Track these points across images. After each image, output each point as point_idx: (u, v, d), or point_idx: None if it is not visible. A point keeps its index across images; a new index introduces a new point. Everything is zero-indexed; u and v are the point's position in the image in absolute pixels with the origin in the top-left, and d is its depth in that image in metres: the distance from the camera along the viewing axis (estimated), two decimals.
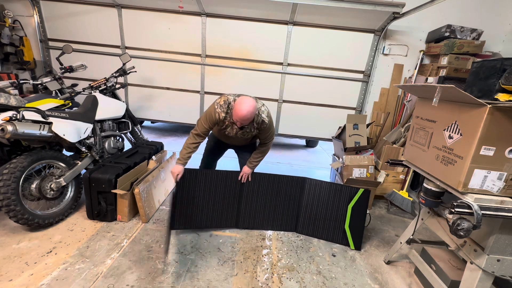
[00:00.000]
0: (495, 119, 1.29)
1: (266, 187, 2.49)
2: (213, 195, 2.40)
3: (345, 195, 2.40)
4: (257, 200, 2.49)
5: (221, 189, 2.42)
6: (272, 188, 2.49)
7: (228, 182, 2.43)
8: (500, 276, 1.46)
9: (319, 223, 2.50)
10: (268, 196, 2.49)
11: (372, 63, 3.64)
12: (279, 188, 2.49)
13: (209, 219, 2.43)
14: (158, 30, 3.70)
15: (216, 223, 2.45)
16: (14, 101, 2.15)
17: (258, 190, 2.48)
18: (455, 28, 3.15)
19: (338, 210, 2.42)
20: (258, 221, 2.54)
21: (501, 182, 1.38)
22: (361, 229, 2.37)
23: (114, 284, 1.76)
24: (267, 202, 2.50)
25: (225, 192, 2.43)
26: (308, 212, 2.51)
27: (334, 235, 2.46)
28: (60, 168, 2.36)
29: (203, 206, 2.39)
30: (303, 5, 3.12)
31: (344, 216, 2.40)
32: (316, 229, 2.51)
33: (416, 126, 1.83)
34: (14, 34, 3.74)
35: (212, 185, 2.39)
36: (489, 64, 2.17)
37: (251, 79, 3.82)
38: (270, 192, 2.49)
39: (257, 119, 2.09)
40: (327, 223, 2.47)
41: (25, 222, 2.06)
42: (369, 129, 3.83)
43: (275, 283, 1.91)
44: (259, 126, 2.14)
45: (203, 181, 2.37)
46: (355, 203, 2.36)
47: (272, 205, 2.51)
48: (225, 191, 2.43)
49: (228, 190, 2.44)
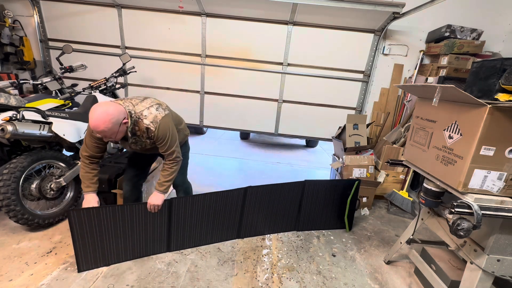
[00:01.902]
0: (495, 119, 1.28)
1: (265, 198, 2.37)
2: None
3: (341, 189, 2.58)
4: (259, 210, 2.39)
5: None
6: (270, 197, 2.38)
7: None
8: (500, 276, 1.46)
9: (317, 217, 2.61)
10: (265, 205, 2.39)
11: (372, 63, 3.64)
12: (280, 196, 2.42)
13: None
14: (158, 30, 3.70)
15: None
16: (14, 101, 2.15)
17: (260, 202, 2.36)
18: (455, 28, 3.15)
19: (336, 203, 2.61)
20: (259, 228, 2.46)
21: (501, 182, 1.38)
22: (353, 213, 2.68)
23: (114, 284, 1.76)
24: (268, 211, 2.42)
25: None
26: (308, 210, 2.56)
27: (331, 223, 2.67)
28: (60, 168, 2.36)
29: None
30: (303, 5, 3.12)
31: (343, 208, 2.62)
32: (314, 222, 2.63)
33: (416, 126, 1.83)
34: (14, 34, 3.74)
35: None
36: (489, 64, 2.17)
37: (251, 79, 3.82)
38: (267, 201, 2.38)
39: (140, 126, 1.69)
40: (324, 215, 2.63)
41: (25, 222, 2.06)
42: (369, 129, 3.83)
43: (275, 283, 1.91)
44: (149, 135, 1.73)
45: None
46: (352, 195, 2.57)
47: (273, 211, 2.46)
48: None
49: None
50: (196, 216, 2.16)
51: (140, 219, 1.97)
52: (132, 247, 2.00)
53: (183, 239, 2.18)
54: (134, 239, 1.99)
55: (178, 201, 2.05)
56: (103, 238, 1.88)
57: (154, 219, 2.01)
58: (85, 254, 1.85)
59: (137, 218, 1.96)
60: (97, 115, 1.49)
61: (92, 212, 1.80)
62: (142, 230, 2.00)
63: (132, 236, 1.98)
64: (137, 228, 1.98)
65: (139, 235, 2.00)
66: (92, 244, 1.85)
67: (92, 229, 1.83)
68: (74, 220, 1.76)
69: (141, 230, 1.99)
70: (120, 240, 1.94)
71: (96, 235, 1.85)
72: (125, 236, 1.95)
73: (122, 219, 1.91)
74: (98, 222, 1.84)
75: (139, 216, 1.96)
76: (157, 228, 2.04)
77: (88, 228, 1.82)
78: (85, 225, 1.80)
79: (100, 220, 1.84)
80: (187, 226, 2.15)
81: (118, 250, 1.96)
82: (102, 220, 1.84)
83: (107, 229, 1.88)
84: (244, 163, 4.69)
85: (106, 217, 1.85)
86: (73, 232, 1.77)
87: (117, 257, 1.97)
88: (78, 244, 1.80)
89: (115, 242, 1.93)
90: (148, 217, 1.98)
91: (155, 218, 2.01)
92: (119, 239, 1.94)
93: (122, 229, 1.93)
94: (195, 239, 2.23)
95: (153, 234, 2.04)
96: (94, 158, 1.79)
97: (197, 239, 2.23)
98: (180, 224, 2.12)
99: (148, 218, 1.98)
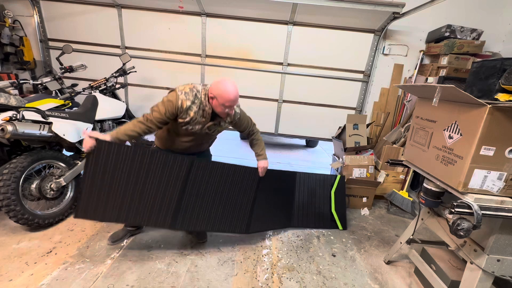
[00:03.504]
0: (495, 119, 1.28)
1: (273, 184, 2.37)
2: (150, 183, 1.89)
3: (328, 183, 2.72)
4: (269, 199, 2.35)
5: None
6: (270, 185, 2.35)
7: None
8: (500, 276, 1.46)
9: (311, 213, 2.65)
10: (271, 195, 2.39)
11: (372, 63, 3.64)
12: (277, 185, 2.43)
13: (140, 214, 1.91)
14: (158, 30, 3.70)
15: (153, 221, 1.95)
16: (14, 101, 2.15)
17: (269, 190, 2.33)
18: (455, 28, 3.15)
19: (324, 197, 2.69)
20: (261, 224, 2.38)
21: (501, 182, 1.38)
22: (344, 211, 2.73)
23: (114, 284, 1.76)
24: (263, 201, 2.34)
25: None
26: (301, 205, 2.61)
27: (324, 222, 2.68)
28: (60, 168, 2.36)
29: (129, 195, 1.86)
30: (303, 5, 3.12)
31: (329, 201, 2.69)
32: (309, 219, 2.65)
33: (416, 126, 1.83)
34: (14, 34, 3.73)
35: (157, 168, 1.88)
36: (489, 64, 2.17)
37: (251, 79, 3.82)
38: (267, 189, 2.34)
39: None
40: (317, 212, 2.67)
41: (25, 222, 2.06)
42: (369, 129, 3.83)
43: (275, 283, 1.91)
44: (232, 119, 1.92)
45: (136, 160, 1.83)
46: (336, 188, 2.70)
47: (272, 203, 2.44)
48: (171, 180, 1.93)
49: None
50: (210, 190, 2.06)
51: (155, 176, 1.87)
52: (135, 210, 1.88)
53: (191, 218, 2.03)
54: (141, 202, 1.88)
55: (199, 163, 1.98)
56: (112, 188, 1.80)
57: (168, 183, 1.91)
58: (88, 200, 1.77)
59: (152, 175, 1.87)
60: (233, 86, 1.66)
61: (114, 148, 1.73)
62: (152, 195, 1.89)
63: (140, 199, 1.87)
64: (148, 189, 1.88)
65: (147, 199, 1.89)
66: (98, 190, 1.77)
67: (106, 171, 1.76)
68: (97, 151, 1.69)
69: (150, 194, 1.89)
70: (126, 199, 1.84)
71: (106, 182, 1.78)
72: (132, 196, 1.85)
73: (138, 171, 1.82)
74: (114, 165, 1.76)
75: (156, 172, 1.87)
76: (167, 196, 1.93)
77: (102, 168, 1.74)
78: (101, 163, 1.72)
79: (117, 163, 1.76)
80: (198, 201, 2.03)
81: (120, 209, 1.84)
82: (119, 164, 1.77)
83: (119, 179, 1.80)
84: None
85: (124, 159, 1.77)
86: (87, 169, 1.71)
87: (117, 217, 1.85)
88: (87, 184, 1.74)
89: (121, 199, 1.83)
90: (163, 177, 1.89)
91: (169, 182, 1.91)
92: (126, 197, 1.84)
93: (133, 186, 1.84)
94: (203, 221, 2.07)
95: (161, 203, 1.92)
96: (152, 124, 1.74)
97: (205, 221, 2.08)
98: (192, 197, 2.01)
99: (163, 179, 1.89)
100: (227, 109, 1.71)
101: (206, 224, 2.10)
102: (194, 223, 2.05)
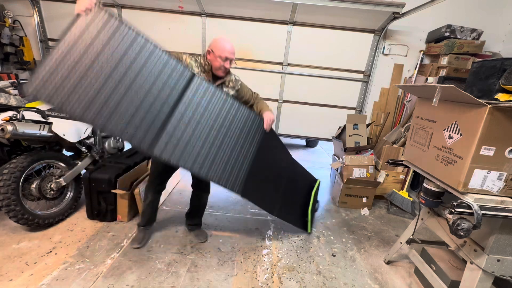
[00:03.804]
0: (495, 119, 1.28)
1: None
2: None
3: (311, 181, 2.74)
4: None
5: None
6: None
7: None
8: (500, 276, 1.46)
9: (290, 207, 2.44)
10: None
11: (372, 63, 3.65)
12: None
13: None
14: (158, 30, 3.70)
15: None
16: (14, 101, 2.15)
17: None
18: (455, 28, 3.15)
19: (305, 195, 2.64)
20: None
21: (501, 182, 1.38)
22: (313, 214, 2.69)
23: (114, 284, 1.76)
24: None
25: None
26: (284, 195, 2.36)
27: (298, 219, 2.53)
28: (60, 168, 2.36)
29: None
30: (303, 5, 3.12)
31: (309, 200, 2.61)
32: (288, 212, 2.41)
33: (416, 126, 1.83)
34: (14, 34, 3.74)
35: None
36: (489, 64, 2.17)
37: (251, 79, 3.79)
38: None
39: (230, 73, 1.96)
40: (295, 207, 2.53)
41: (25, 222, 2.06)
42: (369, 129, 3.83)
43: (275, 283, 1.91)
44: (235, 85, 1.99)
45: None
46: (315, 190, 2.66)
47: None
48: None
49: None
50: (206, 119, 1.71)
51: (144, 83, 1.51)
52: (108, 116, 1.45)
53: (175, 147, 1.62)
54: (117, 109, 1.46)
55: (200, 82, 1.69)
56: (86, 76, 1.39)
57: (158, 96, 1.54)
58: (50, 76, 1.36)
59: (142, 80, 1.50)
60: (228, 40, 1.82)
61: (112, 25, 1.42)
62: (133, 104, 1.49)
63: (118, 104, 1.46)
64: (130, 96, 1.48)
65: (125, 108, 1.48)
66: (69, 72, 1.37)
67: (87, 51, 1.39)
68: (91, 19, 1.38)
69: (132, 103, 1.49)
70: (99, 97, 1.42)
71: (83, 65, 1.39)
72: (108, 97, 1.42)
73: (126, 69, 1.45)
74: (101, 48, 1.40)
75: (148, 78, 1.51)
76: (151, 111, 1.54)
77: (86, 46, 1.39)
78: (86, 37, 1.39)
79: (106, 47, 1.40)
80: (188, 128, 1.66)
81: (88, 108, 1.40)
82: (107, 49, 1.40)
83: (101, 69, 1.41)
84: None
85: (116, 46, 1.41)
86: (66, 36, 1.39)
87: (81, 115, 1.40)
88: (57, 54, 1.39)
89: (94, 96, 1.40)
90: (153, 87, 1.53)
91: (160, 94, 1.55)
92: (100, 95, 1.42)
93: (115, 85, 1.44)
94: (188, 156, 1.66)
95: (143, 117, 1.52)
96: None
97: (192, 159, 1.67)
98: (182, 122, 1.64)
99: (152, 89, 1.53)
100: (223, 62, 1.80)
101: (192, 163, 1.68)
102: (176, 155, 1.63)
